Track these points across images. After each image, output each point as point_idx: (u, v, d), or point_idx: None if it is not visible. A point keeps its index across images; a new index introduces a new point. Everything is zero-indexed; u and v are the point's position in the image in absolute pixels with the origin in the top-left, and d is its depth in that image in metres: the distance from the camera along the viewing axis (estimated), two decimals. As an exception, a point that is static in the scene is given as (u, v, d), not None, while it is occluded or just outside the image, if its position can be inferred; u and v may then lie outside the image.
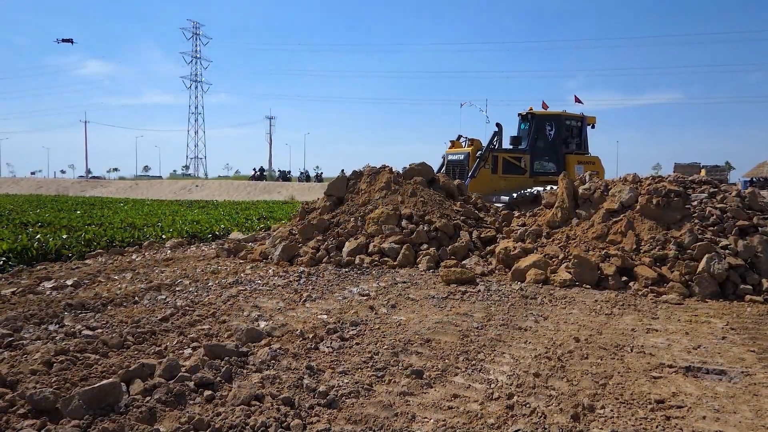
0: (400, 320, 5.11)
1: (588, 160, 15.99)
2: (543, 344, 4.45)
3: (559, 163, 15.49)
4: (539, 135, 15.56)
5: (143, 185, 48.47)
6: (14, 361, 3.78)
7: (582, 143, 16.23)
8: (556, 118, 15.74)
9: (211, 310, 5.37)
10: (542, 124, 15.64)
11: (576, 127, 16.18)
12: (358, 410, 3.14)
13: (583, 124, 16.31)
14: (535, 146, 15.49)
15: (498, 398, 3.35)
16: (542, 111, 16.05)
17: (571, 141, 16.05)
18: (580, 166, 15.55)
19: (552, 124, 15.63)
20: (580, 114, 16.36)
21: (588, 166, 15.71)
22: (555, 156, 15.64)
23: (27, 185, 52.21)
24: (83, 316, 5.13)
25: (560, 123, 15.74)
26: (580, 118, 16.25)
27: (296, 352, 4.07)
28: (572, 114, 16.32)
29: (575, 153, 15.86)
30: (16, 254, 8.73)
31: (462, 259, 8.32)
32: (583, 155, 16.04)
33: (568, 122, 16.00)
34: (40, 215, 15.81)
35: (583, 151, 16.15)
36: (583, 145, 16.23)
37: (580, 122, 16.25)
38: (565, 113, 16.13)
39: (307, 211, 10.24)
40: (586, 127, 16.36)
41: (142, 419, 2.95)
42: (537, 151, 15.53)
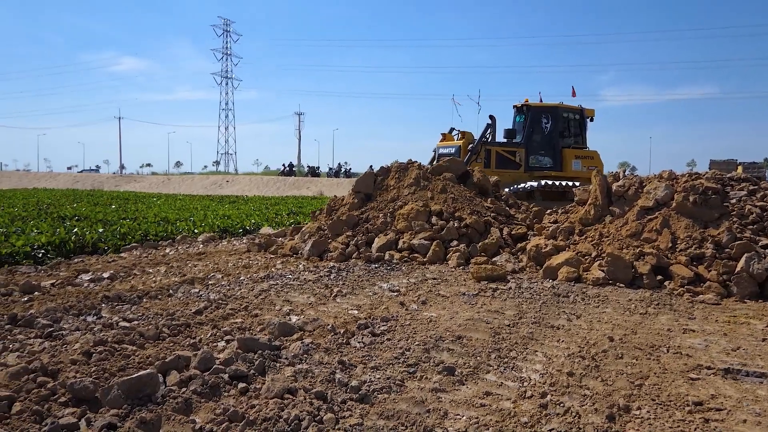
0: (431, 317, 5.10)
1: (586, 154, 15.43)
2: (576, 343, 4.39)
3: (555, 157, 14.98)
4: (535, 128, 15.04)
5: (175, 180, 49.26)
6: (55, 351, 3.87)
7: (580, 137, 15.66)
8: (552, 110, 15.16)
9: (244, 304, 5.44)
10: (538, 117, 15.08)
11: (574, 120, 15.57)
12: (390, 405, 3.14)
13: (582, 117, 15.70)
14: (531, 140, 14.97)
15: (531, 397, 3.32)
16: (538, 103, 15.46)
17: (569, 135, 15.43)
18: (577, 160, 15.00)
19: (548, 117, 15.07)
20: (579, 106, 15.73)
21: (586, 161, 15.11)
22: (551, 150, 15.08)
23: (64, 180, 53.50)
24: (120, 308, 5.24)
25: (557, 116, 15.17)
26: (579, 111, 15.63)
27: (328, 347, 4.10)
28: (570, 106, 15.67)
29: (573, 147, 15.27)
30: (55, 247, 8.96)
31: (492, 256, 8.27)
32: (582, 149, 15.45)
33: (565, 115, 15.40)
34: (77, 209, 16.19)
35: (582, 146, 15.56)
36: (582, 139, 15.66)
37: (578, 115, 15.63)
38: (563, 105, 15.50)
39: (333, 208, 10.25)
40: (585, 121, 15.76)
41: (179, 410, 3.00)
42: (533, 144, 15.00)
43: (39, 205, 18.13)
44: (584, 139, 15.76)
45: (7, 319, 4.63)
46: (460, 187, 10.13)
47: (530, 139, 14.99)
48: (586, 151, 15.59)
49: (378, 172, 10.67)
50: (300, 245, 8.98)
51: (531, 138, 15.00)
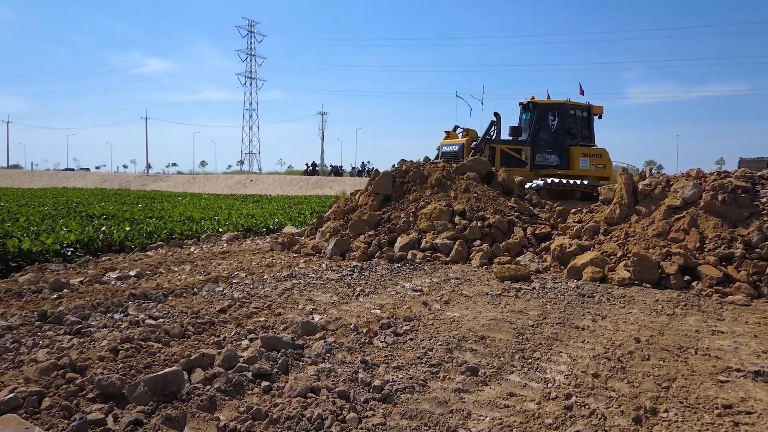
0: (454, 316, 5.08)
1: (594, 152, 15.11)
2: (602, 344, 4.33)
3: (562, 155, 14.68)
4: (541, 125, 14.74)
5: (200, 180, 49.82)
6: (83, 348, 3.94)
7: (588, 134, 15.29)
8: (559, 107, 14.87)
9: (267, 303, 5.47)
10: (545, 114, 14.79)
11: (581, 118, 15.22)
12: (413, 406, 3.14)
13: (590, 114, 15.35)
14: (537, 137, 14.66)
15: (555, 398, 3.29)
16: (545, 100, 15.19)
17: (576, 132, 15.07)
18: (585, 158, 14.69)
19: (555, 114, 14.77)
20: (586, 103, 15.42)
21: (594, 159, 14.80)
22: (558, 148, 14.77)
23: (92, 179, 54.47)
24: (146, 305, 5.31)
25: (564, 113, 14.86)
26: (586, 108, 15.30)
27: (350, 346, 4.10)
28: (577, 103, 15.36)
29: (580, 145, 14.91)
30: (83, 245, 9.12)
31: (516, 255, 8.20)
32: (589, 147, 15.11)
33: (572, 112, 15.07)
34: (105, 208, 16.46)
35: (590, 143, 15.21)
36: (590, 137, 15.29)
37: (585, 112, 15.29)
38: (570, 102, 15.21)
39: (345, 211, 10.06)
40: (592, 118, 15.39)
41: (203, 407, 3.03)
42: (539, 142, 14.70)
43: (68, 204, 18.48)
44: (592, 137, 15.44)
45: (37, 316, 4.73)
46: (484, 187, 10.07)
47: (536, 136, 14.71)
48: (594, 149, 15.28)
49: (395, 172, 10.57)
50: (322, 244, 9.02)
51: (537, 135, 14.72)
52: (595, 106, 15.52)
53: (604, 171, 15.48)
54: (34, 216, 12.98)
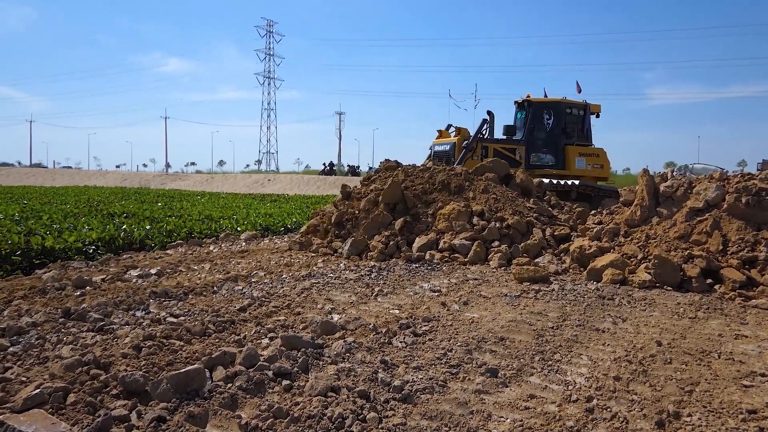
0: (473, 317, 5.06)
1: (591, 152, 14.77)
2: (622, 347, 4.30)
3: (558, 155, 14.36)
4: (536, 124, 14.43)
5: (218, 179, 50.20)
6: (106, 345, 3.99)
7: (585, 134, 14.92)
8: (555, 105, 14.55)
9: (286, 302, 5.50)
10: (540, 113, 14.46)
11: (578, 116, 14.85)
12: (433, 406, 3.14)
13: (586, 113, 14.98)
14: (532, 136, 14.35)
15: (576, 401, 3.26)
16: (540, 98, 14.84)
17: (572, 131, 14.72)
18: (581, 158, 14.35)
19: (550, 113, 14.44)
20: (583, 102, 15.05)
21: (591, 159, 14.48)
22: (554, 147, 14.44)
23: (112, 178, 55.13)
24: (167, 303, 5.37)
25: (560, 111, 14.53)
26: (583, 106, 14.94)
27: (370, 346, 4.11)
28: (573, 101, 15.00)
29: (577, 144, 14.57)
30: (105, 243, 9.24)
31: (535, 257, 8.16)
32: (586, 147, 14.76)
33: (568, 110, 14.73)
34: (125, 206, 16.65)
35: (586, 143, 14.85)
36: (586, 136, 14.93)
37: (582, 111, 14.93)
38: (566, 100, 14.85)
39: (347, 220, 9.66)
40: (589, 116, 15.02)
41: (225, 405, 3.06)
42: (534, 141, 14.38)
43: (90, 202, 18.72)
44: (589, 136, 15.07)
45: (61, 313, 4.80)
46: (502, 188, 10.03)
47: (531, 135, 14.40)
48: (591, 148, 14.92)
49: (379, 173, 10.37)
50: (339, 244, 9.03)
51: (532, 135, 14.41)
52: (592, 105, 15.18)
53: (602, 171, 15.11)
54: (56, 214, 13.17)
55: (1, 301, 5.35)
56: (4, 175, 60.65)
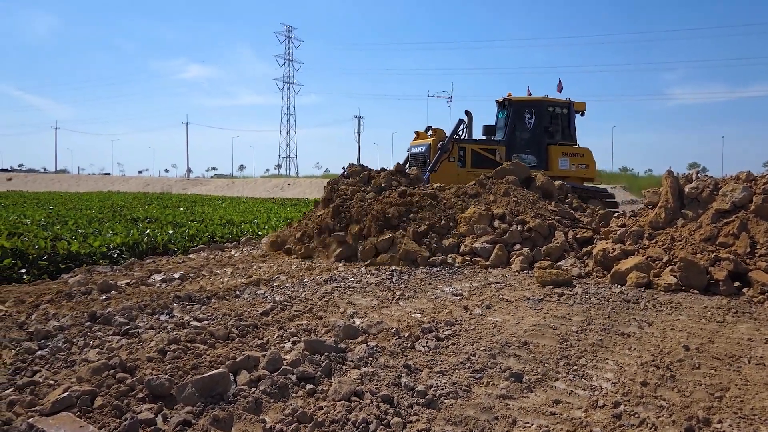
0: (496, 321, 5.02)
1: (576, 151, 14.28)
2: (649, 351, 4.23)
3: (540, 155, 13.91)
4: (518, 124, 14.00)
5: (239, 183, 50.62)
6: (132, 348, 4.04)
7: (569, 133, 14.44)
8: (536, 104, 14.10)
9: (308, 306, 5.51)
10: (521, 112, 14.03)
11: (562, 115, 14.38)
12: (457, 411, 3.11)
13: (570, 112, 14.49)
14: (513, 136, 13.93)
15: (603, 406, 3.22)
16: (521, 97, 14.39)
17: (555, 130, 14.25)
18: (565, 158, 13.90)
19: (532, 112, 13.98)
20: (567, 99, 14.53)
21: (575, 159, 14.03)
22: (536, 147, 13.98)
23: (135, 183, 55.87)
24: (190, 307, 5.41)
25: (542, 110, 14.06)
26: (566, 105, 14.44)
27: (393, 350, 4.10)
28: (556, 100, 14.50)
29: (560, 144, 14.11)
30: (128, 248, 9.36)
31: (557, 260, 8.08)
32: (570, 146, 14.29)
33: (551, 109, 14.26)
34: (148, 211, 16.86)
35: (570, 142, 14.38)
36: (570, 135, 14.45)
37: (566, 109, 14.43)
38: (548, 99, 14.36)
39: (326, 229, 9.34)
40: (573, 115, 14.55)
41: (249, 409, 3.07)
42: (515, 141, 13.95)
43: (113, 207, 18.99)
44: (573, 135, 14.58)
45: (87, 317, 4.87)
46: (523, 190, 9.97)
47: (512, 135, 13.99)
48: (576, 147, 14.45)
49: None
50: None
51: (513, 135, 14.00)
52: (576, 103, 14.71)
53: (587, 171, 14.64)
54: (81, 219, 13.38)
55: (29, 306, 5.44)
56: (30, 181, 61.86)
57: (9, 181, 62.67)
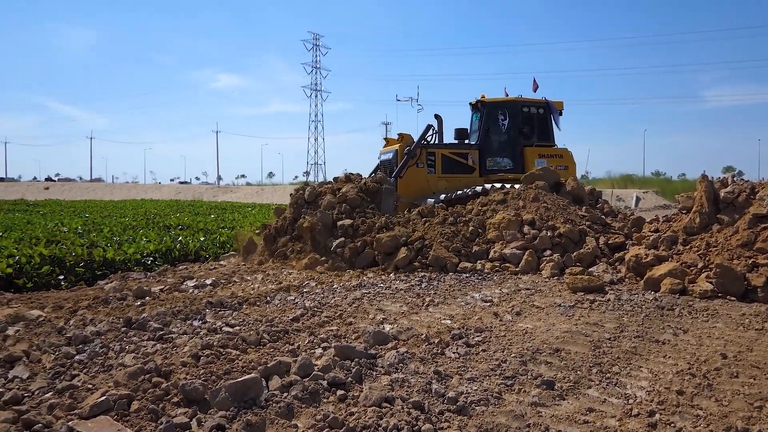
0: (527, 328, 4.98)
1: (554, 152, 13.65)
2: (685, 359, 4.15)
3: (515, 157, 13.39)
4: (491, 126, 13.46)
5: (268, 191, 51.12)
6: (166, 353, 4.11)
7: (546, 133, 13.86)
8: (510, 105, 13.57)
9: (338, 312, 5.54)
10: (494, 114, 13.50)
11: (537, 115, 13.78)
12: (489, 419, 3.10)
13: (548, 111, 13.88)
14: (487, 139, 13.41)
15: (638, 415, 3.16)
16: (494, 98, 13.86)
17: (531, 131, 13.65)
18: (542, 159, 13.14)
19: (506, 113, 13.46)
20: (543, 99, 13.95)
21: (553, 160, 13.28)
22: (511, 150, 13.44)
23: (168, 191, 56.85)
24: (222, 313, 5.49)
25: (516, 111, 13.50)
26: (543, 104, 13.85)
27: (423, 357, 4.10)
28: (531, 99, 13.91)
29: (537, 145, 13.55)
30: (161, 254, 9.53)
31: (588, 266, 7.98)
32: (548, 147, 13.72)
33: (525, 109, 13.66)
34: (180, 219, 17.14)
35: (548, 143, 13.82)
36: (548, 136, 13.88)
37: (542, 109, 13.84)
38: (522, 99, 13.79)
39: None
40: (551, 115, 13.93)
41: (281, 414, 3.10)
42: (489, 145, 13.41)
43: (147, 215, 19.35)
44: (551, 136, 14.01)
45: (123, 322, 4.97)
46: (553, 196, 9.87)
47: (486, 138, 13.49)
48: (554, 149, 13.89)
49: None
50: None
51: (487, 137, 13.49)
52: (554, 102, 14.10)
53: (566, 173, 13.63)
54: (116, 227, 13.67)
55: (67, 311, 5.58)
56: (67, 190, 63.47)
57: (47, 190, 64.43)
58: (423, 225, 9.18)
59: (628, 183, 44.19)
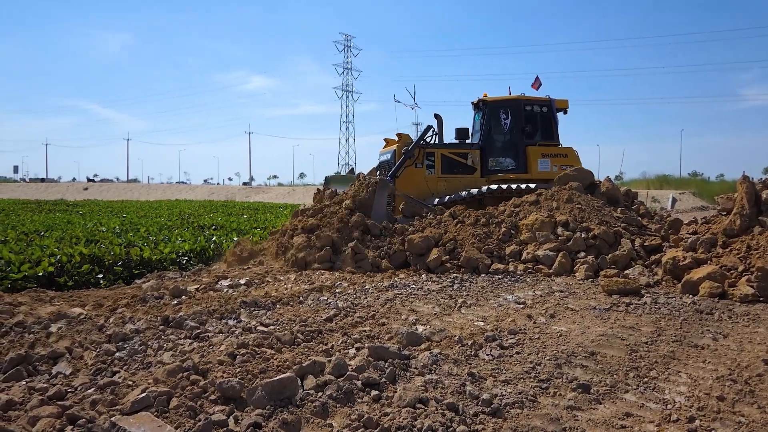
0: (561, 331, 4.93)
1: (558, 152, 13.27)
2: (725, 365, 4.05)
3: (518, 157, 13.05)
4: (493, 125, 13.16)
5: (299, 191, 51.56)
6: (203, 352, 4.19)
7: (550, 132, 13.47)
8: (512, 103, 13.22)
9: (371, 313, 5.57)
10: (496, 113, 13.18)
11: (541, 114, 13.42)
12: (524, 421, 3.08)
13: (551, 110, 13.49)
14: (489, 139, 13.12)
15: (677, 420, 3.11)
16: (496, 97, 13.52)
17: (533, 130, 13.30)
18: (545, 159, 12.95)
19: (508, 112, 13.13)
20: (546, 97, 13.58)
21: (557, 160, 12.99)
22: (513, 150, 13.11)
23: (201, 191, 57.78)
24: (256, 313, 5.56)
25: (518, 110, 13.12)
26: (546, 103, 13.46)
27: (456, 358, 4.09)
28: (535, 98, 13.56)
29: (540, 144, 13.18)
30: (196, 254, 9.70)
31: (623, 268, 7.85)
32: (552, 147, 13.33)
33: (528, 108, 13.28)
34: (214, 219, 17.41)
35: (552, 142, 13.42)
36: (552, 135, 13.48)
37: (546, 107, 13.45)
38: (525, 97, 13.45)
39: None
40: (554, 113, 13.56)
41: (316, 413, 3.13)
42: (491, 144, 13.11)
43: (181, 215, 19.71)
44: (555, 135, 13.61)
45: (161, 321, 5.08)
46: (587, 197, 9.74)
47: (488, 138, 13.21)
48: (558, 148, 13.50)
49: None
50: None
51: (489, 137, 13.22)
52: (558, 100, 13.73)
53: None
54: (152, 227, 13.96)
55: (107, 309, 5.72)
56: (105, 190, 65.05)
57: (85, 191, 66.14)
58: (455, 226, 9.16)
59: (664, 184, 43.37)
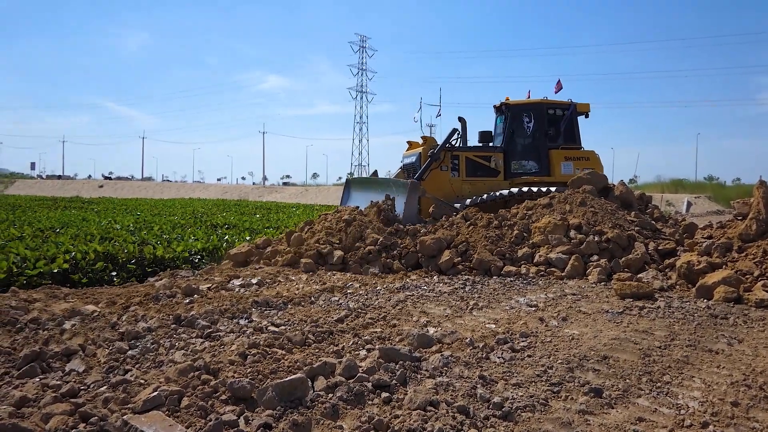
0: (573, 334, 4.89)
1: (580, 155, 13.30)
2: (740, 370, 4.01)
3: (541, 160, 13.09)
4: (516, 129, 13.21)
5: (312, 191, 51.68)
6: (214, 351, 4.20)
7: (572, 135, 13.48)
8: (535, 107, 13.26)
9: (382, 314, 5.56)
10: (519, 116, 13.22)
11: (563, 117, 13.44)
12: (535, 425, 3.06)
13: (573, 113, 13.50)
14: (512, 142, 13.16)
15: (690, 426, 3.07)
16: (519, 101, 13.60)
17: (556, 134, 13.32)
18: (568, 162, 12.97)
19: (531, 116, 13.18)
20: (568, 101, 13.61)
21: (580, 163, 13.00)
22: (536, 153, 13.15)
23: (214, 190, 58.11)
24: (268, 312, 5.57)
25: (541, 113, 13.18)
26: (568, 106, 13.46)
27: (467, 361, 4.07)
28: (556, 101, 13.62)
29: (563, 148, 13.21)
30: (208, 253, 9.74)
31: (637, 272, 7.79)
32: (574, 150, 13.37)
33: (551, 111, 13.33)
34: (226, 218, 17.48)
35: (574, 145, 13.45)
36: (574, 139, 13.50)
37: (568, 111, 13.46)
38: (547, 101, 13.50)
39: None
40: (576, 117, 13.60)
41: (326, 414, 3.13)
42: (514, 147, 13.17)
43: (194, 214, 19.82)
44: (577, 139, 13.64)
45: (173, 319, 5.10)
46: (601, 200, 9.68)
47: (511, 141, 13.27)
48: (580, 151, 13.54)
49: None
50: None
51: (512, 140, 13.28)
52: (579, 104, 13.77)
53: None
54: (165, 225, 14.04)
55: (120, 307, 5.76)
56: (119, 188, 65.63)
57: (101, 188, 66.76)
58: (467, 228, 9.13)
59: (679, 188, 42.96)
